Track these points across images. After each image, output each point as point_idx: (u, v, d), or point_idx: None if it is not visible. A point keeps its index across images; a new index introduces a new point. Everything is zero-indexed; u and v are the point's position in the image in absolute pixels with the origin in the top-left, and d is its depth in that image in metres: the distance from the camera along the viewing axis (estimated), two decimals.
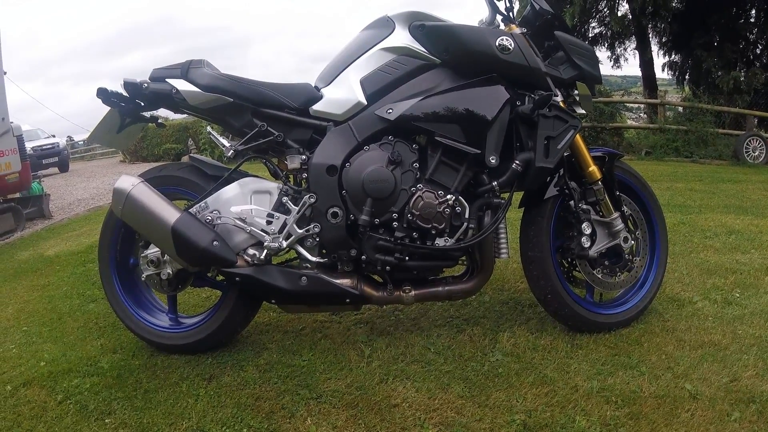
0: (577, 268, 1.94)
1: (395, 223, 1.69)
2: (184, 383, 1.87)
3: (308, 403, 1.68)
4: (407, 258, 1.69)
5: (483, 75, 1.69)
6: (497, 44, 1.66)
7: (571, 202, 1.84)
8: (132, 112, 1.87)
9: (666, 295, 2.32)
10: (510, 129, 1.73)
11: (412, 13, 1.75)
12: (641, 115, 12.29)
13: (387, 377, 1.75)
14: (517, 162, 1.68)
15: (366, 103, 1.73)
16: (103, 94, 1.79)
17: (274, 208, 1.75)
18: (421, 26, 1.72)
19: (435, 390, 1.67)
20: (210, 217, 1.75)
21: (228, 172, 1.85)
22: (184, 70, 1.79)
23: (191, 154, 2.02)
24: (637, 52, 13.44)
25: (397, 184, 1.66)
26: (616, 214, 1.89)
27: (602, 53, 14.06)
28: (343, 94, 1.75)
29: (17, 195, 6.24)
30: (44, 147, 14.04)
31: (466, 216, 1.70)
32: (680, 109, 10.63)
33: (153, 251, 1.85)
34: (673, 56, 13.77)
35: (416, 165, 1.70)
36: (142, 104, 1.86)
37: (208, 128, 1.95)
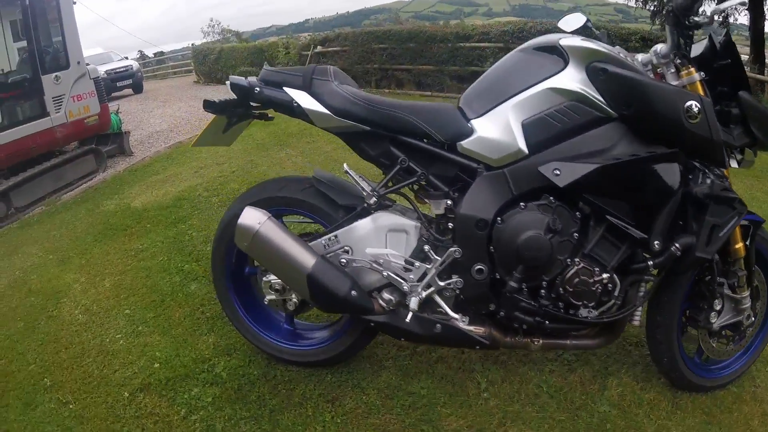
0: (688, 324, 1.83)
1: (543, 291, 1.57)
2: (309, 404, 1.81)
3: None
4: (547, 322, 1.59)
5: (660, 141, 1.48)
6: (685, 108, 1.42)
7: (708, 276, 1.70)
8: (240, 114, 1.72)
9: (762, 355, 2.00)
10: None
11: (592, 50, 1.47)
12: None
13: (505, 420, 1.72)
14: (677, 246, 1.52)
15: (527, 152, 1.50)
16: (212, 107, 1.64)
17: (412, 253, 1.62)
18: (603, 71, 1.46)
19: None
20: (344, 260, 1.63)
21: (361, 207, 1.65)
22: (307, 81, 1.59)
23: (316, 170, 1.79)
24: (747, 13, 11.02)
25: (553, 253, 1.51)
26: (747, 292, 1.74)
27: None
28: (499, 136, 1.52)
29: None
30: (118, 70, 13.90)
31: (616, 294, 1.58)
32: None
33: (277, 279, 1.74)
34: None
35: (576, 236, 1.54)
36: (252, 104, 1.70)
37: (345, 166, 1.70)
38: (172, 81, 19.50)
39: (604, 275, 1.52)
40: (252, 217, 1.60)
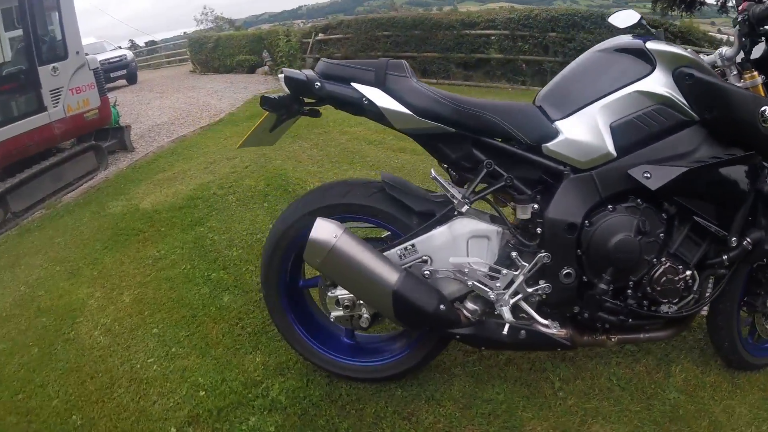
0: (744, 308, 1.92)
1: (629, 291, 1.61)
2: (384, 424, 1.68)
3: None
4: (630, 320, 1.62)
5: (736, 143, 1.54)
6: (760, 113, 1.49)
7: (765, 264, 1.79)
8: (293, 111, 1.58)
9: None
10: None
11: (679, 55, 1.50)
12: None
13: (586, 418, 1.70)
14: (749, 240, 1.61)
15: (615, 154, 1.51)
16: (269, 103, 1.52)
17: (497, 260, 1.57)
18: (690, 76, 1.50)
19: None
20: (427, 272, 1.54)
21: (441, 214, 1.55)
22: (380, 77, 1.47)
23: (384, 174, 1.65)
24: None
25: (642, 254, 1.54)
26: None
27: None
28: (587, 138, 1.51)
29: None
30: (111, 60, 13.23)
31: (695, 288, 1.63)
32: None
33: (346, 294, 1.61)
34: None
35: (662, 236, 1.57)
36: (305, 100, 1.58)
37: (432, 172, 1.58)
38: (166, 71, 18.90)
39: (687, 272, 1.59)
40: (326, 231, 1.47)
